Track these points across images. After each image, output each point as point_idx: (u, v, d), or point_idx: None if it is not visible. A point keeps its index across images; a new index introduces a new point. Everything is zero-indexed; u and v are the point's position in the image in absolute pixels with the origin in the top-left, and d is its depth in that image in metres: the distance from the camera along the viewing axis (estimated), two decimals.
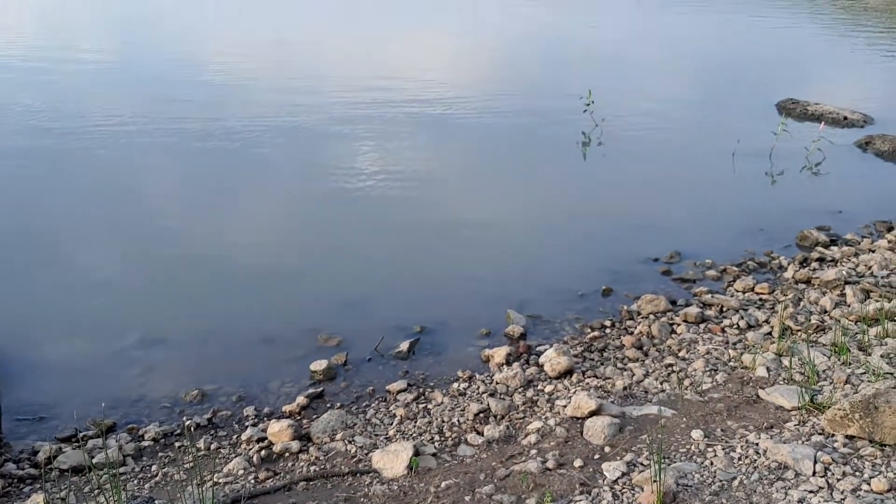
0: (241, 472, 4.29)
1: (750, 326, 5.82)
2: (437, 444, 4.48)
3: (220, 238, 7.56)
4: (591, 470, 3.82)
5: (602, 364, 5.38)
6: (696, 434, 4.04)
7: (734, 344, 5.51)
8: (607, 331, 5.93)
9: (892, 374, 4.62)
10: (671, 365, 5.26)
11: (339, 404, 5.00)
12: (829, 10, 27.21)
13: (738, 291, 6.53)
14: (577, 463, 3.88)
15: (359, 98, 12.87)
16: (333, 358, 5.46)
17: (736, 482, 3.52)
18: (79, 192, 8.66)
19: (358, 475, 4.13)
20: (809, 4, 28.82)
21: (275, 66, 15.82)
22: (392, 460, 4.14)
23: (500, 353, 5.45)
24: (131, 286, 6.59)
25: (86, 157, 9.78)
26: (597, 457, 3.98)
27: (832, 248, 7.36)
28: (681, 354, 5.44)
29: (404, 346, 5.62)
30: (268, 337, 5.77)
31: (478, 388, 5.12)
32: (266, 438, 4.59)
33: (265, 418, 4.86)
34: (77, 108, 12.04)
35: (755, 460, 3.71)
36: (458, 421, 4.72)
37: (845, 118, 12.04)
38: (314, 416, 4.84)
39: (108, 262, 6.99)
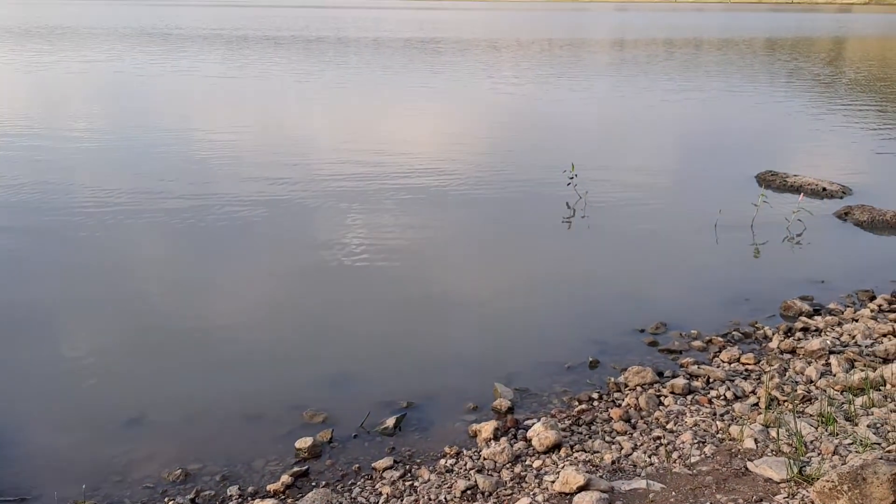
0: None
1: (737, 397, 5.81)
2: None
3: (206, 314, 7.55)
4: None
5: (590, 437, 5.34)
6: None
7: (721, 415, 5.50)
8: (595, 403, 5.91)
9: (879, 444, 4.62)
10: (659, 437, 5.23)
11: (324, 483, 4.93)
12: (808, 86, 28.01)
13: (724, 362, 6.54)
14: None
15: (346, 172, 13.06)
16: (319, 435, 5.40)
17: None
18: (63, 269, 8.67)
19: None
20: (788, 80, 29.66)
21: (263, 142, 16.06)
22: None
23: (487, 428, 5.41)
24: (114, 364, 6.54)
25: (72, 234, 9.82)
26: None
27: (816, 317, 7.42)
28: (669, 426, 5.41)
29: (390, 421, 5.57)
30: (253, 414, 5.72)
31: (465, 464, 5.06)
32: None
33: (249, 498, 4.77)
34: (63, 184, 12.15)
35: None
36: (446, 498, 4.66)
37: (824, 189, 12.28)
38: (299, 496, 4.76)
39: (90, 340, 6.96)
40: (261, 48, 43.53)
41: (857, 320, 7.27)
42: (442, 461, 5.11)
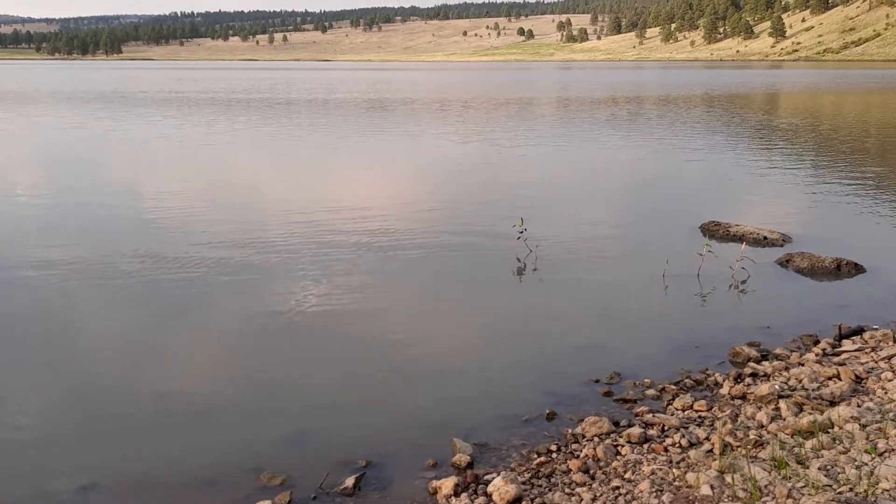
0: None
1: (691, 444, 5.90)
2: None
3: (158, 376, 7.41)
4: None
5: (550, 490, 5.36)
6: None
7: (678, 463, 5.58)
8: (553, 455, 5.93)
9: (830, 485, 4.73)
10: (618, 487, 5.28)
11: None
12: (746, 138, 29.04)
13: (677, 410, 6.65)
14: None
15: (297, 231, 13.06)
16: (277, 498, 5.31)
17: None
18: (9, 331, 8.44)
19: None
20: (726, 133, 30.74)
21: (215, 202, 15.99)
22: None
23: (447, 485, 5.39)
24: (64, 428, 6.37)
25: (19, 295, 9.60)
26: None
27: (764, 363, 7.60)
28: (627, 476, 5.46)
29: (349, 481, 5.51)
30: (209, 478, 5.60)
31: None
32: None
33: None
34: (11, 246, 11.90)
35: None
36: None
37: (765, 238, 12.69)
38: None
39: (39, 404, 6.77)
40: (211, 110, 43.55)
41: (802, 364, 7.48)
42: None
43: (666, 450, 5.85)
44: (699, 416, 6.49)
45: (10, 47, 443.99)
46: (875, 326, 8.61)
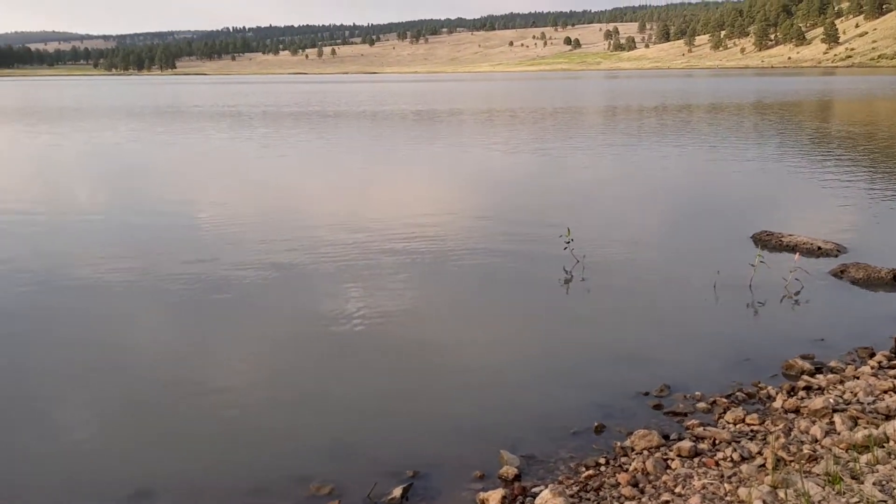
0: None
1: (743, 458, 5.81)
2: None
3: (208, 386, 7.56)
4: None
5: (598, 503, 5.33)
6: None
7: (729, 477, 5.49)
8: (602, 469, 5.89)
9: (885, 501, 4.62)
10: (668, 502, 5.22)
11: None
12: (799, 146, 28.49)
13: (729, 423, 6.55)
14: None
15: (346, 240, 13.20)
16: None
17: None
18: (62, 342, 8.70)
19: None
20: (779, 141, 30.19)
21: (264, 211, 16.25)
22: None
23: (494, 497, 5.39)
24: (116, 438, 6.54)
25: (72, 306, 9.89)
26: None
27: (818, 376, 7.45)
28: (677, 490, 5.40)
29: (397, 491, 5.55)
30: (259, 487, 5.70)
31: None
32: None
33: None
34: (62, 257, 12.27)
35: None
36: None
37: (819, 248, 12.42)
38: None
39: (93, 414, 6.97)
40: (262, 123, 44.32)
41: (858, 377, 7.31)
42: None
43: (717, 464, 5.77)
44: (751, 430, 6.38)
45: (69, 64, 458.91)
46: None
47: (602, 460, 6.00)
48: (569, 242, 11.66)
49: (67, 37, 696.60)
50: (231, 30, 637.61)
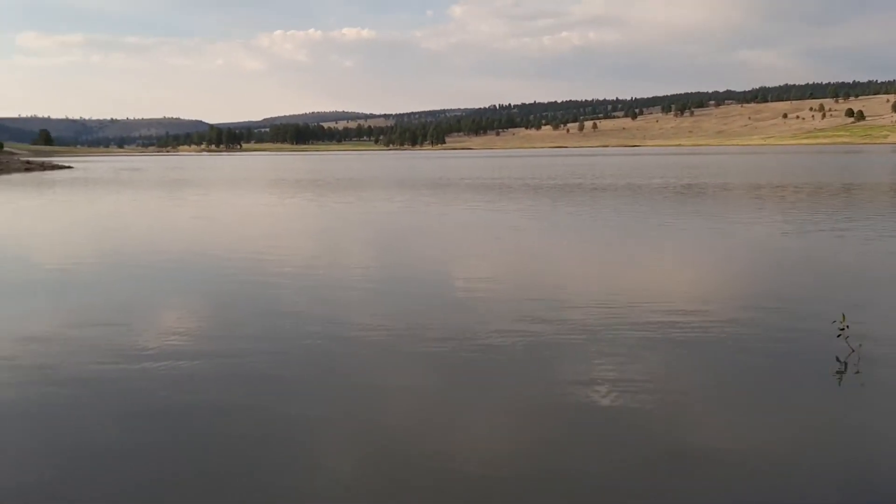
0: None
1: None
2: None
3: (451, 456, 8.01)
4: None
5: None
6: None
7: None
8: None
9: None
10: None
11: None
12: None
13: None
14: None
15: (597, 311, 13.22)
16: None
17: None
18: (333, 397, 9.67)
19: None
20: None
21: (523, 280, 16.80)
22: None
23: None
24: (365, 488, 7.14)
25: (336, 354, 10.96)
26: None
27: None
28: None
29: None
30: None
31: None
32: None
33: None
34: (339, 311, 13.60)
35: None
36: None
37: None
38: None
39: (349, 464, 7.67)
40: (526, 195, 45.84)
41: None
42: None
43: None
44: None
45: (354, 140, 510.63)
46: None
47: None
48: (843, 329, 10.87)
49: (354, 116, 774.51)
50: (497, 107, 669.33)
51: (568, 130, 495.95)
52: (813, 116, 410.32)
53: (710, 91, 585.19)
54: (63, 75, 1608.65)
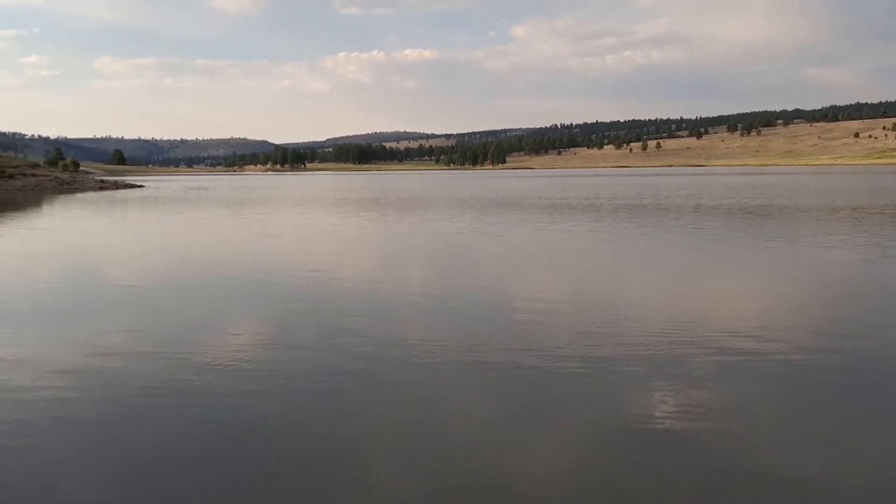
0: None
1: None
2: None
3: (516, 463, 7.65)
4: None
5: None
6: None
7: None
8: None
9: None
10: None
11: None
12: None
13: None
14: None
15: (661, 334, 12.72)
16: None
17: None
18: (395, 413, 9.39)
19: None
20: None
21: (583, 301, 16.36)
22: None
23: None
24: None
25: (402, 382, 10.68)
26: None
27: None
28: None
29: None
30: None
31: None
32: None
33: None
34: (396, 331, 13.36)
35: None
36: None
37: None
38: None
39: (408, 482, 7.36)
40: (589, 216, 45.28)
41: None
42: None
43: None
44: None
45: (416, 159, 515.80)
46: None
47: None
48: None
49: (415, 136, 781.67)
50: (559, 126, 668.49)
51: (631, 150, 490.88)
52: (886, 136, 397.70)
53: (779, 110, 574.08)
54: (136, 97, 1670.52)
